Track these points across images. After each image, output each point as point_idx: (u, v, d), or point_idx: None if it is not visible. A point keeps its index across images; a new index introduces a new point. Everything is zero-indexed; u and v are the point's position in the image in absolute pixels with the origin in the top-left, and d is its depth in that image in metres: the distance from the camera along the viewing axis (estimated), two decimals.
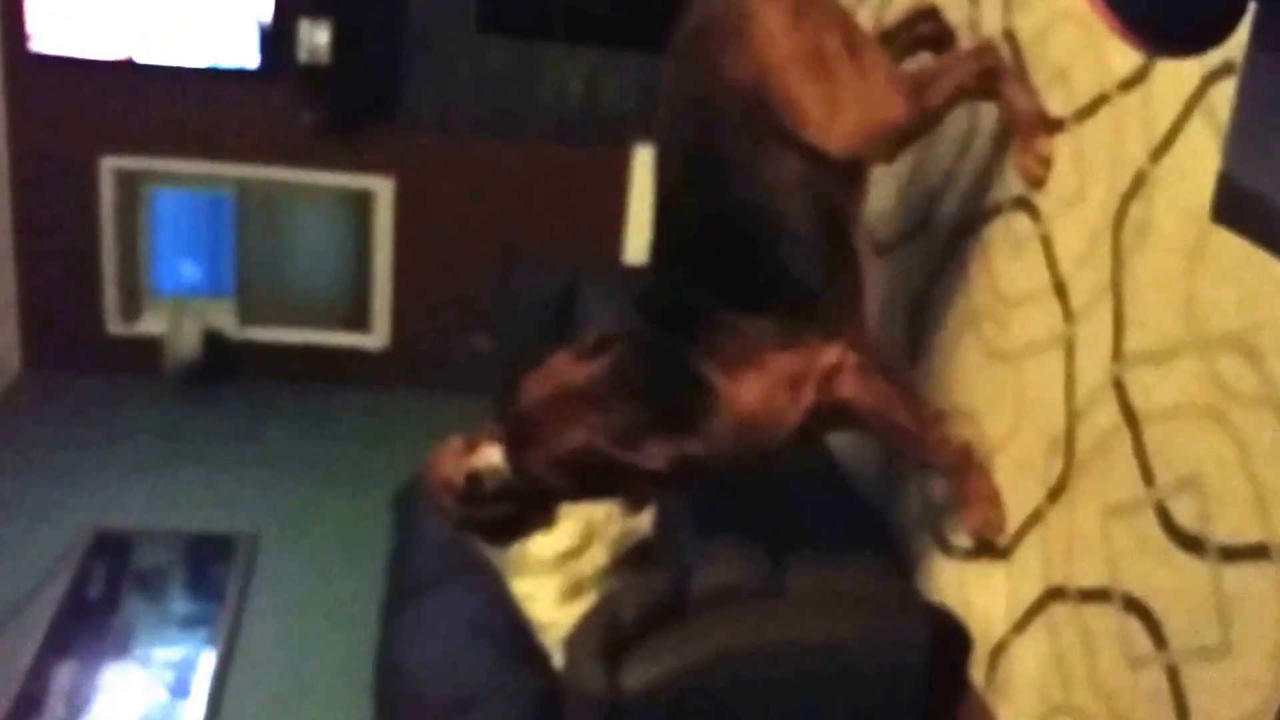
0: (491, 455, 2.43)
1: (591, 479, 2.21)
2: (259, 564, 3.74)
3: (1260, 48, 1.04)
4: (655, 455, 2.16)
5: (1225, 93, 1.70)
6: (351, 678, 3.20)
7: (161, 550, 3.76)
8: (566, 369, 2.21)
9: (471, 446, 2.47)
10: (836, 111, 2.12)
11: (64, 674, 3.22)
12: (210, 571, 3.69)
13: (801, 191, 2.15)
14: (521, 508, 2.34)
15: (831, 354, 2.18)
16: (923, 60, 2.57)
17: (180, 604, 3.56)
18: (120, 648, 3.35)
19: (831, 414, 2.22)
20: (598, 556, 2.58)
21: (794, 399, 2.17)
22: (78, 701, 3.14)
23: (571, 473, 2.18)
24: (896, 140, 2.21)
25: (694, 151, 2.20)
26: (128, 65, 4.25)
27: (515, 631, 2.74)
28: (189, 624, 3.47)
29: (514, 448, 2.23)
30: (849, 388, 2.20)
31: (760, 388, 2.16)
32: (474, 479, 2.43)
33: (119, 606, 3.50)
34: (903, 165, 2.81)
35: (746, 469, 2.29)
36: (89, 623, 3.42)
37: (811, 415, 2.19)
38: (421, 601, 3.07)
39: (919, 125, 2.23)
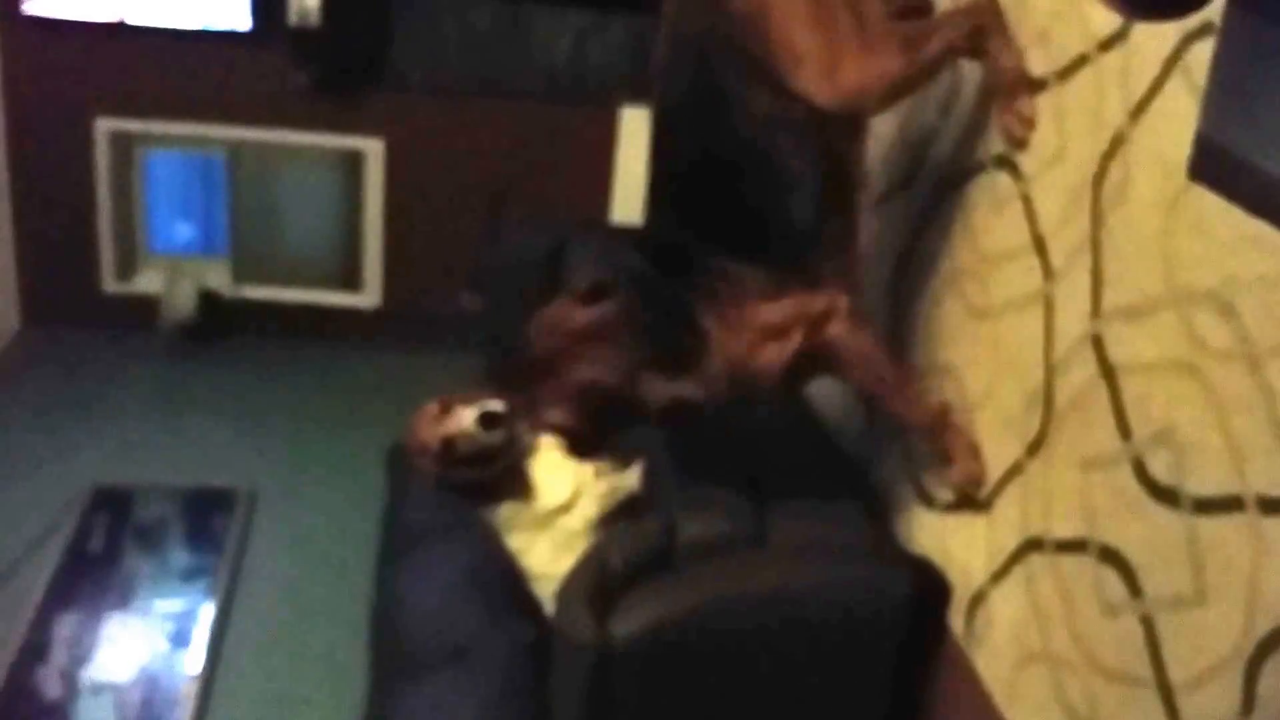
0: (465, 419, 2.44)
1: (596, 418, 2.15)
2: (256, 517, 3.73)
3: (1238, 8, 1.02)
4: (655, 394, 2.15)
5: (1203, 53, 1.68)
6: (348, 628, 3.20)
7: (161, 504, 3.75)
8: (569, 314, 2.17)
9: (446, 411, 2.47)
10: (835, 62, 2.07)
11: (66, 625, 3.22)
12: (209, 525, 3.68)
13: (803, 134, 2.11)
14: (494, 471, 2.40)
15: (823, 299, 2.19)
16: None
17: (179, 557, 3.56)
18: (121, 599, 3.34)
19: (819, 355, 2.23)
20: (587, 511, 2.58)
21: (782, 346, 2.18)
22: (80, 651, 3.14)
23: (578, 410, 2.12)
24: (890, 93, 2.18)
25: (696, 87, 2.14)
26: (120, 27, 4.19)
27: (508, 583, 2.74)
28: (188, 576, 3.47)
29: (525, 389, 2.21)
30: (838, 329, 2.20)
31: (751, 338, 2.16)
32: (449, 442, 2.44)
33: (120, 559, 3.49)
34: (886, 123, 2.79)
35: (733, 407, 2.29)
36: (90, 575, 3.41)
37: (799, 357, 2.20)
38: (416, 553, 3.07)
39: (913, 79, 2.19)
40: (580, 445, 2.23)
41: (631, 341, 2.13)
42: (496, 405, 2.53)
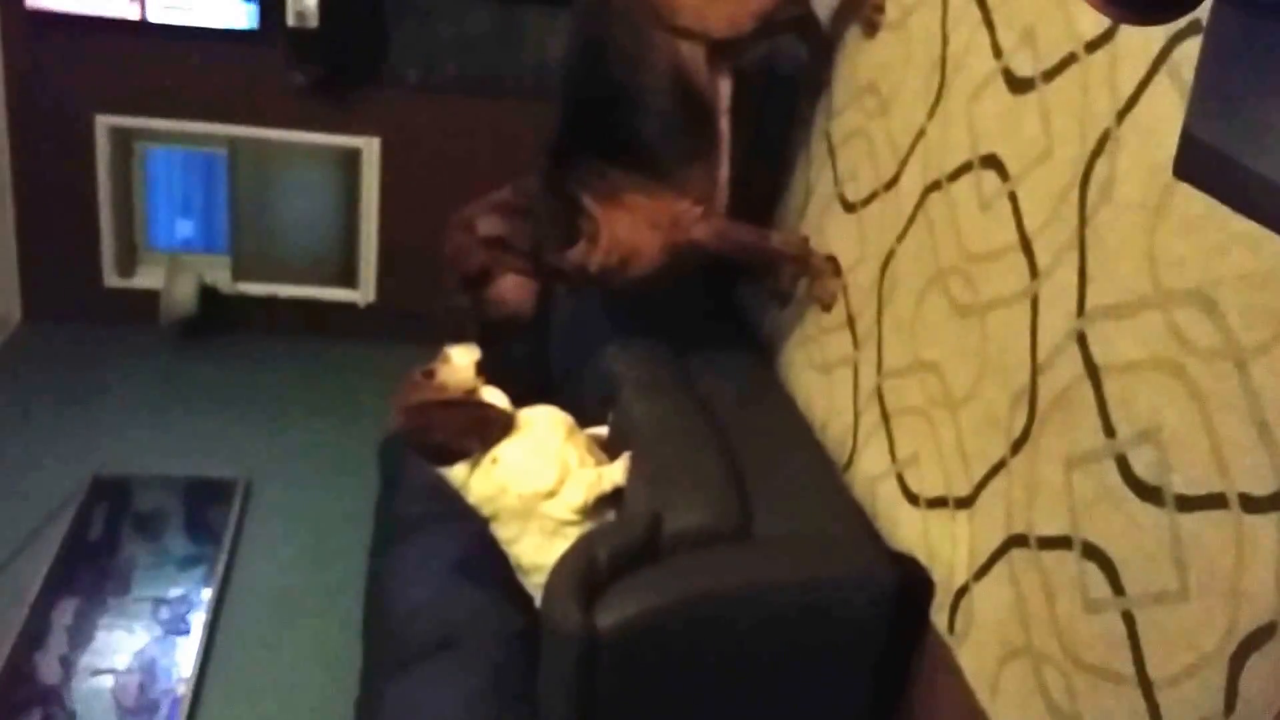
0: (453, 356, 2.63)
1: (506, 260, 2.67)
2: (253, 506, 3.70)
3: (1224, 4, 0.96)
4: (558, 262, 2.68)
5: (1190, 51, 1.63)
6: (342, 616, 3.20)
7: (159, 494, 3.71)
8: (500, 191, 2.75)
9: (430, 375, 2.64)
10: (711, 4, 2.69)
11: (65, 612, 3.18)
12: (206, 514, 3.64)
13: (663, 73, 2.68)
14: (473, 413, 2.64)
15: (683, 205, 2.74)
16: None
17: (177, 545, 3.51)
18: (120, 587, 3.30)
19: (687, 250, 2.78)
20: (573, 498, 2.52)
21: (654, 237, 2.72)
22: (79, 638, 3.10)
23: (491, 249, 2.65)
24: (764, 23, 2.78)
25: (588, 42, 2.73)
26: (122, 24, 4.12)
27: (497, 573, 2.70)
28: (186, 564, 3.43)
29: (453, 238, 2.70)
30: (698, 231, 2.77)
31: (627, 221, 2.69)
32: (429, 373, 2.62)
33: (119, 548, 3.46)
34: (873, 123, 2.74)
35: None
36: (90, 563, 3.37)
37: (672, 252, 2.75)
38: (408, 544, 3.03)
39: (783, 9, 2.82)
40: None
41: (529, 220, 2.66)
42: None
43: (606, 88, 2.71)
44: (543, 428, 2.60)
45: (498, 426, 2.56)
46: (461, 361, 2.62)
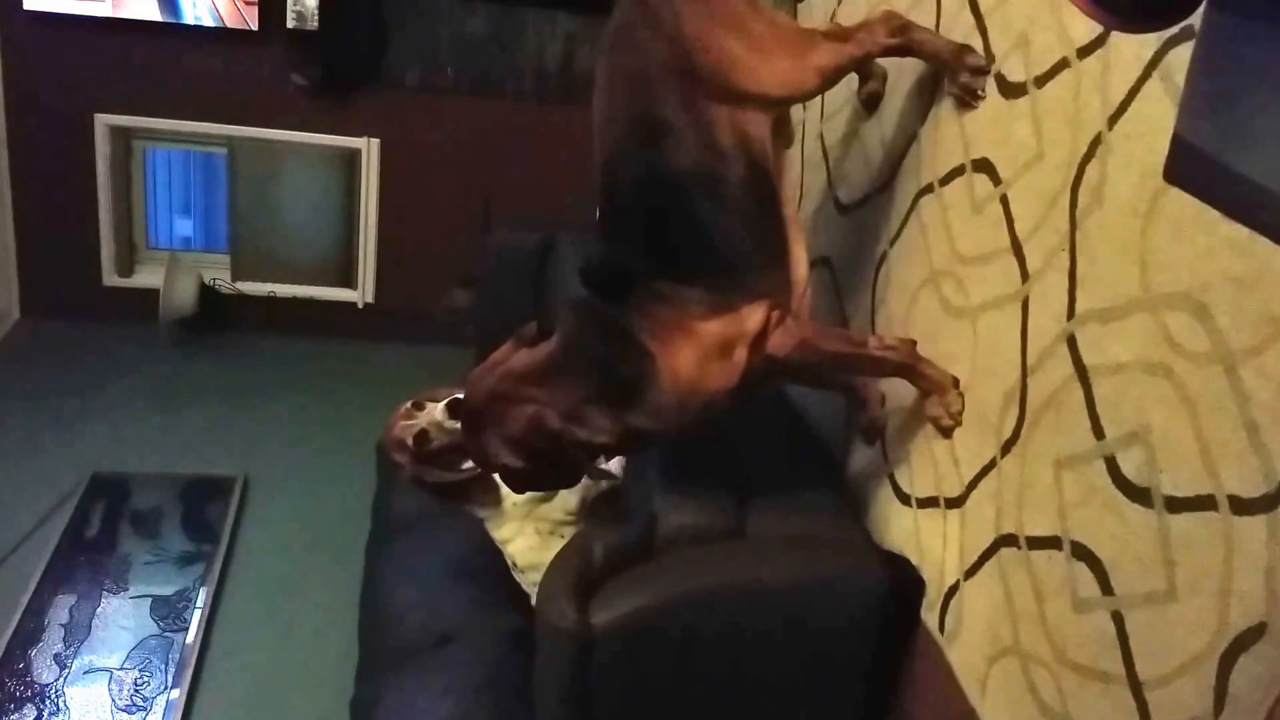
0: (435, 411, 2.41)
1: (541, 456, 2.08)
2: (251, 505, 3.69)
3: (1216, 9, 0.96)
4: (601, 428, 2.05)
5: (1182, 56, 1.62)
6: (339, 613, 3.19)
7: (157, 491, 3.70)
8: (508, 357, 2.12)
9: (419, 407, 2.44)
10: (766, 59, 2.12)
11: (62, 609, 3.17)
12: (204, 512, 3.63)
13: (734, 155, 2.09)
14: (464, 471, 2.37)
15: (757, 317, 2.10)
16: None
17: (175, 543, 3.50)
18: (117, 584, 3.30)
19: (765, 369, 2.14)
20: (568, 501, 2.53)
21: (726, 364, 2.08)
22: (75, 635, 3.09)
23: (523, 451, 2.07)
24: (828, 82, 2.26)
25: (633, 124, 2.11)
26: (121, 23, 4.11)
27: (493, 571, 2.70)
28: (183, 562, 3.42)
29: (469, 435, 2.14)
30: (776, 345, 2.11)
31: (694, 357, 2.06)
32: (420, 436, 2.41)
33: (116, 545, 3.45)
34: (868, 128, 2.73)
35: (692, 430, 2.16)
36: (87, 560, 3.36)
37: (747, 374, 2.10)
38: (405, 542, 3.03)
39: (841, 71, 2.27)
40: (527, 484, 2.17)
41: (576, 378, 2.05)
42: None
43: (665, 178, 2.09)
44: None
45: (486, 494, 2.54)
46: (452, 424, 2.44)
